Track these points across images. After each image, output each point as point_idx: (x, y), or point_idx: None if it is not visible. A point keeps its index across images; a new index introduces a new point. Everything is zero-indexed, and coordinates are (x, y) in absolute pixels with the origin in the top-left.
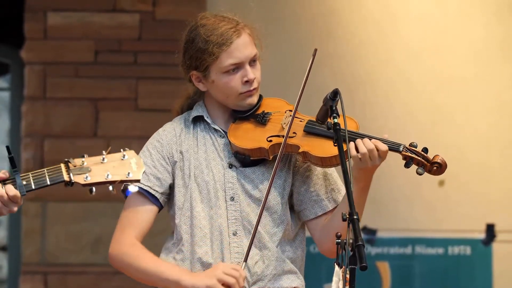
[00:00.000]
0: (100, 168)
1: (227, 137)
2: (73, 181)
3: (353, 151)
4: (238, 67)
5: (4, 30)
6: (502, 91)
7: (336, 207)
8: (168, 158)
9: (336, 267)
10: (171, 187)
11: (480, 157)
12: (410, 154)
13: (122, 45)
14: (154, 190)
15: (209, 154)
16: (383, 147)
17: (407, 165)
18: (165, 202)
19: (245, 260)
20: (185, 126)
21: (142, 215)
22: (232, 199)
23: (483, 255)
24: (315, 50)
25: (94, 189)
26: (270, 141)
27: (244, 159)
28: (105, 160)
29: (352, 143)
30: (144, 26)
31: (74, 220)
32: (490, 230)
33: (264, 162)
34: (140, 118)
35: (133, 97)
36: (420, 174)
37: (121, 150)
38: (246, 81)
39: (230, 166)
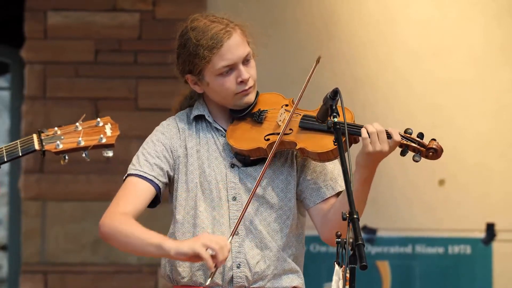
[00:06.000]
0: (73, 135)
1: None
2: (44, 149)
3: (364, 133)
4: (231, 68)
5: (4, 29)
6: (501, 94)
7: (335, 195)
8: (172, 151)
9: (336, 266)
10: (170, 179)
11: (480, 158)
12: (405, 142)
13: (122, 44)
14: (158, 180)
15: (211, 153)
16: (397, 136)
17: (403, 153)
18: (162, 190)
19: (232, 235)
20: (187, 122)
21: (139, 193)
22: (234, 199)
23: (483, 255)
24: (319, 57)
25: (67, 156)
26: (268, 139)
27: (245, 160)
28: (79, 128)
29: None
30: (144, 26)
31: (74, 219)
32: (490, 229)
33: (265, 159)
34: (140, 118)
35: (133, 97)
36: (417, 161)
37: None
38: (241, 81)
39: (232, 166)
